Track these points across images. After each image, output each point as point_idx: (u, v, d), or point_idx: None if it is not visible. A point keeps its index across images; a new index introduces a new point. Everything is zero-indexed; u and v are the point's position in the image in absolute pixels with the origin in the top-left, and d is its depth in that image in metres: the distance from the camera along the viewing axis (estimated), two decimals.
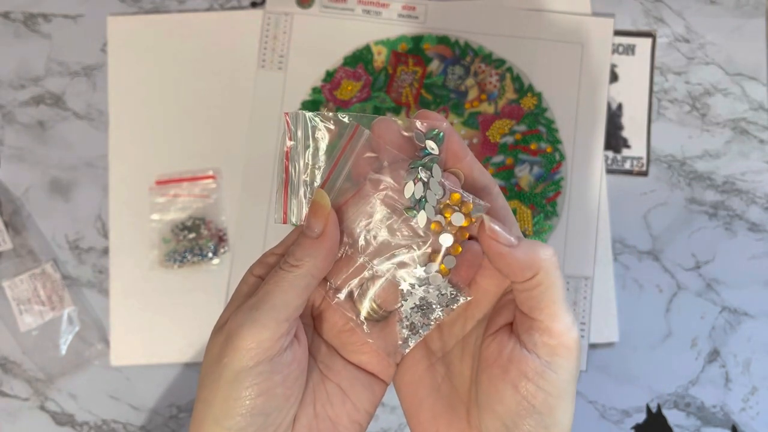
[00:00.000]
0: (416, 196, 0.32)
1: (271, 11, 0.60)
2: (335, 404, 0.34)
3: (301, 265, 0.32)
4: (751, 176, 0.60)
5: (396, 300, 0.33)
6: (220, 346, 0.31)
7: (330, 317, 0.35)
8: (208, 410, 0.31)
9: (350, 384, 0.35)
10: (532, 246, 0.31)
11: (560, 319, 0.31)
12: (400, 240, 0.33)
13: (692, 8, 0.61)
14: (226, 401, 0.31)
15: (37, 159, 0.60)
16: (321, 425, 0.34)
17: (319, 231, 0.32)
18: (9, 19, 0.61)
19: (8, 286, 0.58)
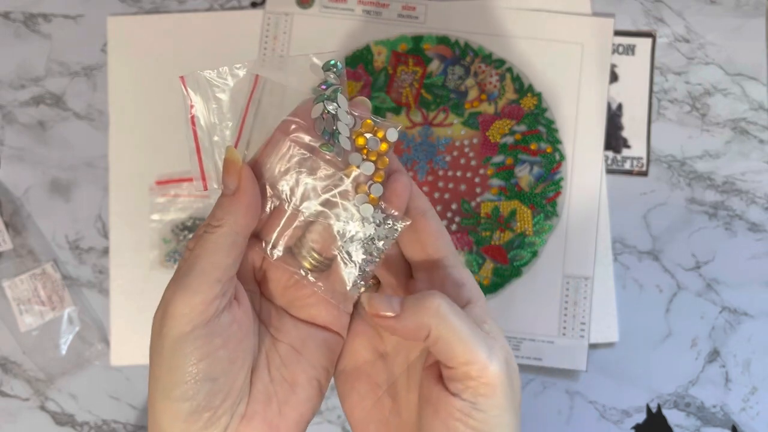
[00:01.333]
0: (327, 129, 0.31)
1: (271, 11, 0.60)
2: (290, 365, 0.33)
3: (222, 224, 0.31)
4: (751, 176, 0.60)
5: (334, 242, 0.33)
6: (158, 320, 0.31)
7: (273, 277, 0.34)
8: (157, 384, 0.31)
9: (302, 342, 0.34)
10: (416, 306, 0.30)
11: (473, 361, 0.30)
12: (323, 180, 0.32)
13: (692, 8, 0.61)
14: (170, 371, 0.30)
15: (38, 159, 0.60)
16: (278, 388, 0.33)
17: (234, 187, 0.32)
18: (9, 19, 0.61)
19: (8, 286, 0.58)
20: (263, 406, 0.32)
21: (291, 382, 0.33)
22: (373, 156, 0.31)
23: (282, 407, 0.33)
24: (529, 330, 0.57)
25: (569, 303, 0.57)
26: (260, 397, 0.32)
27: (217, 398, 0.31)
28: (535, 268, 0.58)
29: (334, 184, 0.32)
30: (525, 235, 0.58)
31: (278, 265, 0.34)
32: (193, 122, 0.33)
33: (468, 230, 0.58)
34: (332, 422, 0.57)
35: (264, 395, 0.32)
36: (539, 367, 0.57)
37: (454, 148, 0.59)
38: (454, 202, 0.58)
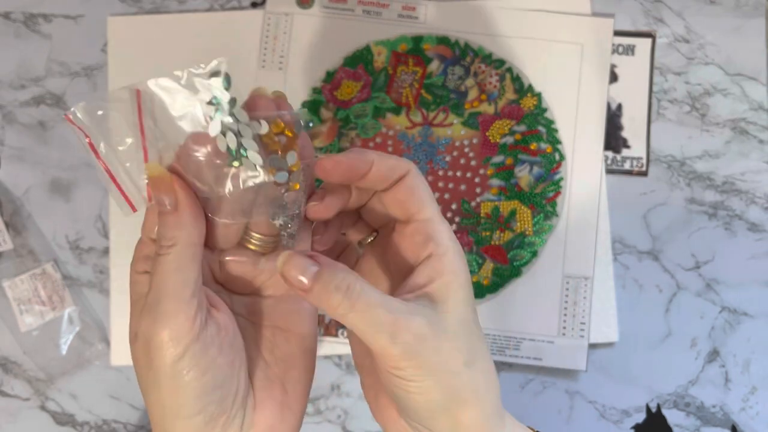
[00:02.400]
0: (232, 147, 0.30)
1: (271, 11, 0.60)
2: (281, 343, 0.34)
3: (175, 242, 0.31)
4: (750, 176, 0.60)
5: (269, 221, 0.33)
6: (144, 354, 0.31)
7: (237, 271, 0.35)
8: (165, 411, 0.32)
9: (285, 318, 0.35)
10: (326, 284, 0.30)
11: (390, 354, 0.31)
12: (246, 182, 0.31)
13: (692, 8, 0.61)
14: (176, 395, 0.31)
15: (38, 159, 0.60)
16: (276, 369, 0.34)
17: (172, 202, 0.31)
18: (9, 19, 0.61)
19: (9, 286, 0.58)
20: (268, 391, 0.33)
21: (286, 359, 0.34)
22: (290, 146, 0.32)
23: (285, 384, 0.34)
24: (529, 330, 0.57)
25: (569, 303, 0.57)
26: (263, 383, 0.33)
27: (226, 402, 0.32)
28: (534, 268, 0.58)
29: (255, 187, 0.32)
30: (525, 235, 0.58)
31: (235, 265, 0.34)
32: (95, 151, 0.32)
33: (468, 230, 0.58)
34: (332, 422, 0.58)
35: (266, 380, 0.34)
36: (539, 367, 0.58)
37: (454, 148, 0.59)
38: (454, 202, 0.58)
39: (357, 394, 0.58)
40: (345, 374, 0.58)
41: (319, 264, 0.30)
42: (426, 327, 0.30)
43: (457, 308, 0.32)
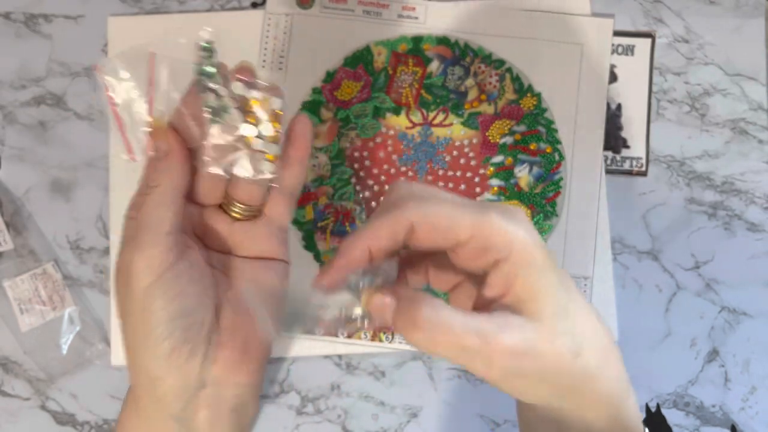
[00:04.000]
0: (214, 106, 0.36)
1: (271, 12, 0.60)
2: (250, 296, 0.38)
3: (158, 183, 0.35)
4: (750, 176, 0.60)
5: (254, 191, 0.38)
6: (123, 282, 0.34)
7: (214, 227, 0.38)
8: (135, 334, 0.35)
9: (256, 273, 0.38)
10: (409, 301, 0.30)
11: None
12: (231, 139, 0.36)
13: (691, 8, 0.61)
14: (145, 319, 0.34)
15: (38, 159, 0.60)
16: (242, 318, 0.37)
17: (165, 149, 0.36)
18: (10, 19, 0.61)
19: (9, 286, 0.58)
20: (231, 332, 0.37)
21: (252, 311, 0.38)
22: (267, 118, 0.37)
23: (248, 333, 0.37)
24: None
25: None
26: (227, 325, 0.37)
27: (193, 330, 0.35)
28: None
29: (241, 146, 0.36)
30: None
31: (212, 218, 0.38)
32: (112, 102, 0.36)
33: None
34: (332, 421, 0.58)
35: (231, 326, 0.37)
36: None
37: (453, 148, 0.59)
38: None
39: (357, 393, 0.58)
40: (345, 374, 0.58)
41: (397, 298, 0.31)
42: (520, 341, 0.29)
43: (545, 299, 0.30)
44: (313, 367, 0.58)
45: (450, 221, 0.31)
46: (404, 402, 0.58)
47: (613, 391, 0.33)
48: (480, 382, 0.58)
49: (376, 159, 0.59)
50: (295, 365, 0.58)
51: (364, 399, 0.58)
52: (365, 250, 0.32)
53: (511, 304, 0.31)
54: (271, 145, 0.36)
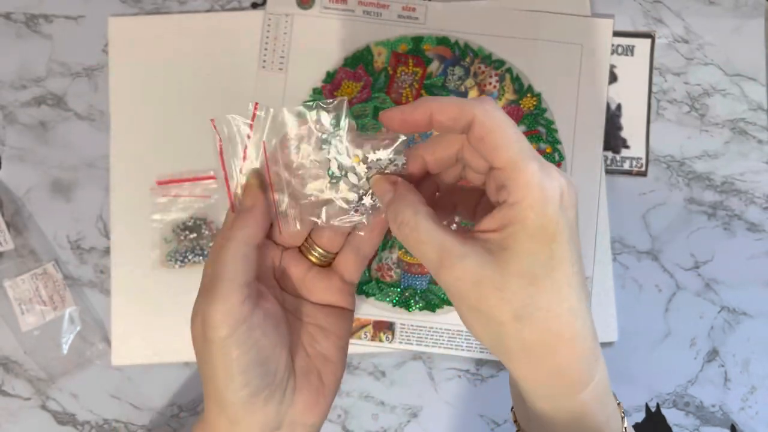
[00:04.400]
0: (336, 173, 0.38)
1: (271, 12, 0.61)
2: (320, 340, 0.40)
3: (236, 236, 0.36)
4: (749, 176, 0.60)
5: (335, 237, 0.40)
6: (200, 329, 0.36)
7: (291, 273, 0.40)
8: (214, 383, 0.36)
9: (325, 320, 0.40)
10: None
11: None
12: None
13: (691, 9, 0.61)
14: (225, 368, 0.36)
15: (39, 159, 0.60)
16: (315, 361, 0.40)
17: (249, 204, 0.37)
18: (10, 19, 0.61)
19: (10, 286, 0.58)
20: (307, 377, 0.39)
21: (324, 354, 0.40)
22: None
23: (321, 375, 0.39)
24: None
25: None
26: (303, 370, 0.39)
27: (268, 377, 0.37)
28: None
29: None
30: None
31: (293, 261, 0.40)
32: (221, 155, 0.38)
33: (468, 230, 0.58)
34: (333, 421, 0.58)
35: (305, 369, 0.39)
36: None
37: None
38: None
39: (357, 393, 0.58)
40: (345, 373, 0.58)
41: (395, 191, 0.36)
42: (470, 273, 0.32)
43: (518, 259, 0.31)
44: None
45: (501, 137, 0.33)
46: (404, 402, 0.58)
47: (549, 381, 0.33)
48: (480, 382, 0.58)
49: None
50: None
51: (365, 399, 0.58)
52: (427, 115, 0.34)
53: (494, 241, 0.32)
54: (365, 205, 0.39)
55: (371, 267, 0.58)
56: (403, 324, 0.58)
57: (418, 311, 0.58)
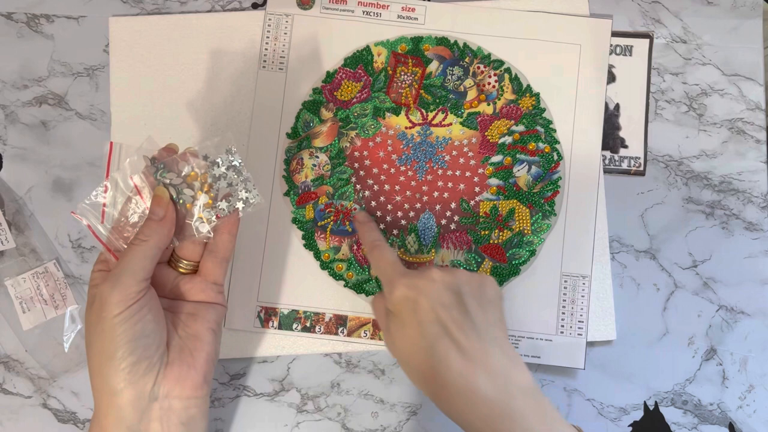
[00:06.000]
0: (173, 195, 0.47)
1: (271, 12, 0.61)
2: (191, 324, 0.48)
3: (148, 239, 0.45)
4: (747, 176, 0.60)
5: (196, 250, 0.51)
6: (96, 311, 0.43)
7: (164, 282, 0.49)
8: (102, 353, 0.43)
9: (196, 309, 0.49)
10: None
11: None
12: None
13: (689, 9, 0.62)
14: (113, 340, 0.43)
15: (40, 159, 0.60)
16: (186, 341, 0.47)
17: (162, 215, 0.46)
18: (12, 19, 0.62)
19: (11, 284, 0.58)
20: (179, 354, 0.46)
21: (194, 334, 0.48)
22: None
23: (192, 352, 0.47)
24: (528, 328, 0.58)
25: (567, 301, 0.58)
26: (175, 348, 0.47)
27: (150, 350, 0.44)
28: (533, 267, 0.58)
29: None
30: (523, 234, 0.58)
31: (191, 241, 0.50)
32: (94, 233, 0.48)
33: (467, 229, 0.59)
34: (332, 419, 0.58)
35: (178, 347, 0.47)
36: (537, 365, 0.58)
37: (453, 148, 0.59)
38: (453, 201, 0.59)
39: (357, 391, 0.58)
40: (345, 372, 0.58)
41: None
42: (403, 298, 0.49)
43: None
44: (313, 365, 0.58)
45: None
46: (404, 400, 0.58)
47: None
48: None
49: (376, 159, 0.59)
50: (295, 363, 0.58)
51: (364, 397, 0.58)
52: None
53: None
54: (209, 210, 0.48)
55: (371, 266, 0.58)
56: None
57: None
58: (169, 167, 0.47)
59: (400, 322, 0.47)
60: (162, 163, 0.47)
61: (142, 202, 0.48)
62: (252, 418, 0.58)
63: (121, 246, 0.47)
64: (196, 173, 0.48)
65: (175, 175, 0.47)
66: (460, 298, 0.47)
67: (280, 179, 0.59)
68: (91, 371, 0.44)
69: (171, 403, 0.45)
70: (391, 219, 0.59)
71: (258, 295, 0.58)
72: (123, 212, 0.48)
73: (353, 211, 0.59)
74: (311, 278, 0.58)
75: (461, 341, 0.45)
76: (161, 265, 0.50)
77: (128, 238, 0.47)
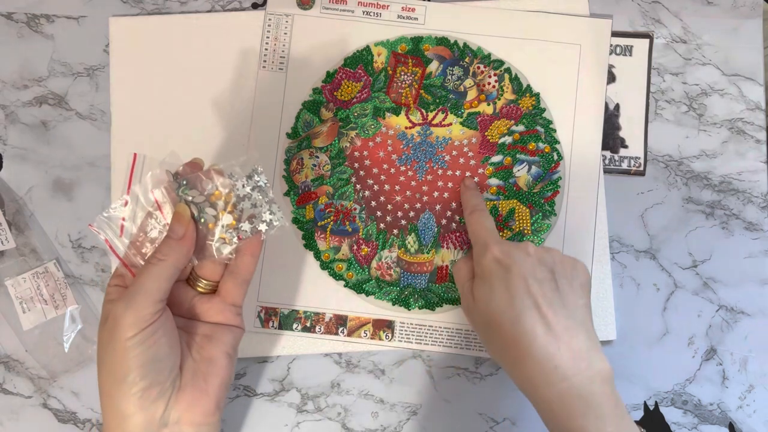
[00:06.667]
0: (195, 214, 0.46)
1: (272, 12, 0.61)
2: (206, 346, 0.46)
3: (166, 258, 0.43)
4: (747, 176, 0.60)
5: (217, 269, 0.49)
6: (109, 331, 0.41)
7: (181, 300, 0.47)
8: (113, 375, 0.41)
9: (212, 331, 0.47)
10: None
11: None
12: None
13: (689, 9, 0.62)
14: (124, 362, 0.41)
15: (40, 159, 0.60)
16: (200, 365, 0.45)
17: (181, 234, 0.44)
18: (12, 20, 0.62)
19: (11, 284, 0.58)
20: (192, 378, 0.44)
21: (209, 358, 0.46)
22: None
23: (206, 377, 0.45)
24: None
25: None
26: (189, 372, 0.45)
27: (162, 374, 0.42)
28: None
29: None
30: (523, 234, 0.58)
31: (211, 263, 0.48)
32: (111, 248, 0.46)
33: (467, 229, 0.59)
34: (332, 419, 0.58)
35: (191, 371, 0.45)
36: None
37: (453, 148, 0.59)
38: (453, 201, 0.59)
39: (357, 391, 0.58)
40: (345, 372, 0.58)
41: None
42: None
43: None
44: (313, 365, 0.58)
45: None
46: (404, 400, 0.58)
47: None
48: (479, 380, 0.58)
49: (376, 159, 0.59)
50: (295, 363, 0.59)
51: (364, 397, 0.58)
52: None
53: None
54: (231, 231, 0.46)
55: (371, 266, 0.58)
56: (403, 322, 0.58)
57: (417, 310, 0.58)
58: (192, 184, 0.46)
59: (488, 286, 0.47)
60: (185, 179, 0.46)
61: (162, 218, 0.46)
62: (252, 418, 0.58)
63: (138, 262, 0.46)
64: (220, 192, 0.46)
65: (198, 192, 0.46)
66: (553, 276, 0.47)
67: (280, 179, 0.59)
68: (101, 391, 0.43)
69: (182, 429, 0.44)
70: (391, 219, 0.59)
71: (258, 295, 0.58)
72: (142, 227, 0.46)
73: (353, 211, 0.59)
74: (311, 278, 0.58)
75: (549, 317, 0.45)
76: (179, 283, 0.48)
77: (146, 255, 0.46)
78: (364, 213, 0.59)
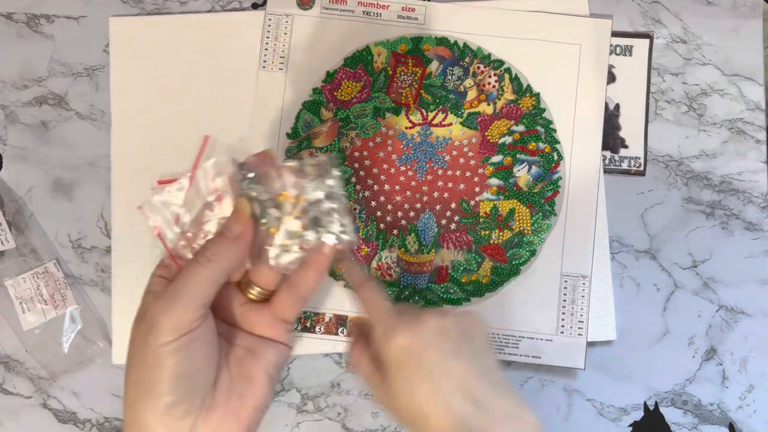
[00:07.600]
0: (257, 213, 0.40)
1: (272, 12, 0.61)
2: (246, 363, 0.41)
3: (215, 259, 0.38)
4: (747, 176, 0.60)
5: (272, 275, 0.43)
6: (143, 332, 0.37)
7: (228, 305, 0.42)
8: (140, 383, 0.37)
9: (255, 345, 0.42)
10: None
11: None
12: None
13: (689, 9, 0.62)
14: (155, 371, 0.36)
15: (40, 159, 0.60)
16: (237, 383, 0.40)
17: (237, 232, 0.39)
18: (12, 20, 0.62)
19: (11, 284, 0.58)
20: (225, 397, 0.39)
21: (248, 377, 0.40)
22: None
23: (241, 398, 0.40)
24: (528, 328, 0.58)
25: (567, 301, 0.58)
26: (223, 390, 0.39)
27: (192, 391, 0.37)
28: (533, 267, 0.58)
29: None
30: (523, 234, 0.58)
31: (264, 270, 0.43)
32: (160, 236, 0.42)
33: (467, 229, 0.59)
34: (332, 419, 0.58)
35: (226, 388, 0.39)
36: (538, 365, 0.58)
37: (453, 148, 0.59)
38: (453, 201, 0.59)
39: (357, 391, 0.58)
40: (345, 372, 0.58)
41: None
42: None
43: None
44: (313, 366, 0.58)
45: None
46: None
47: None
48: None
49: (376, 159, 0.59)
50: (296, 363, 0.59)
51: (364, 397, 0.58)
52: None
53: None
54: (294, 238, 0.41)
55: (371, 266, 0.58)
56: None
57: None
58: (259, 179, 0.40)
59: (405, 379, 0.41)
60: (252, 172, 0.40)
61: (220, 210, 0.41)
62: None
63: (186, 255, 0.41)
64: (289, 193, 0.41)
65: (264, 189, 0.40)
66: (464, 344, 0.43)
67: None
68: (126, 399, 0.38)
69: None
70: (391, 219, 0.59)
71: None
72: (197, 217, 0.41)
73: (353, 211, 0.59)
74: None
75: (478, 394, 0.41)
76: (228, 285, 0.42)
77: (196, 249, 0.41)
78: (364, 213, 0.59)
